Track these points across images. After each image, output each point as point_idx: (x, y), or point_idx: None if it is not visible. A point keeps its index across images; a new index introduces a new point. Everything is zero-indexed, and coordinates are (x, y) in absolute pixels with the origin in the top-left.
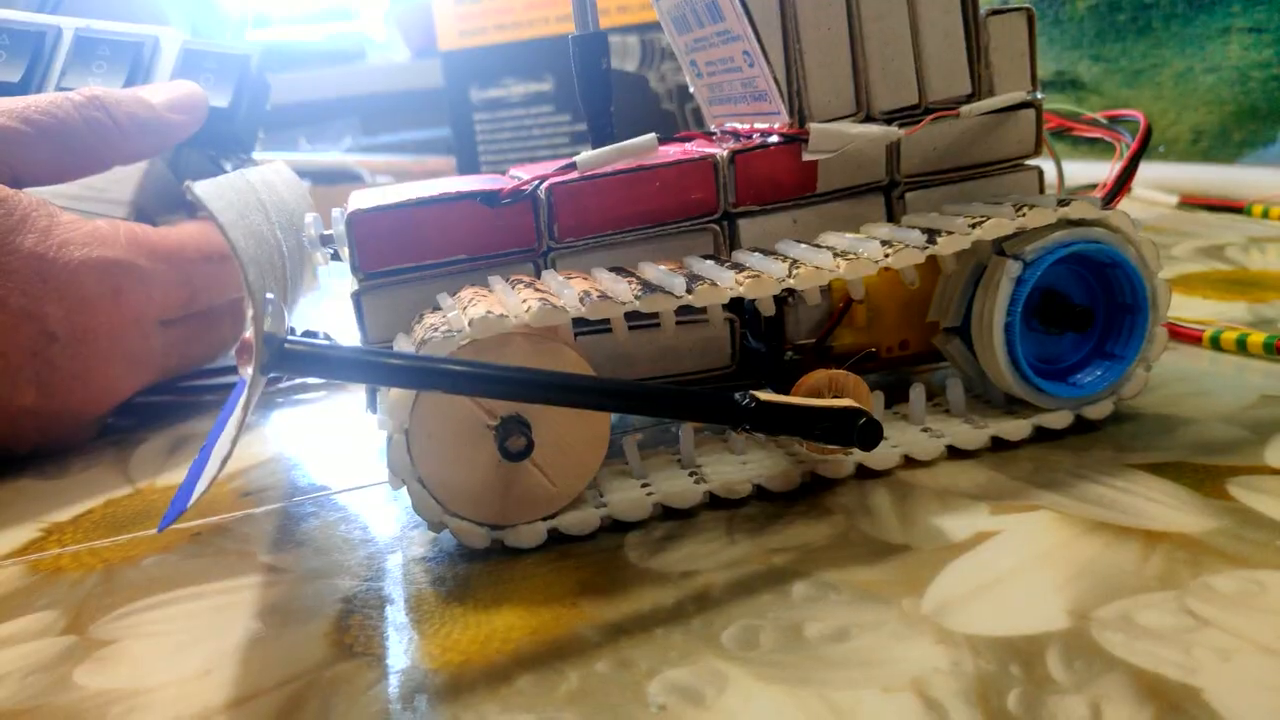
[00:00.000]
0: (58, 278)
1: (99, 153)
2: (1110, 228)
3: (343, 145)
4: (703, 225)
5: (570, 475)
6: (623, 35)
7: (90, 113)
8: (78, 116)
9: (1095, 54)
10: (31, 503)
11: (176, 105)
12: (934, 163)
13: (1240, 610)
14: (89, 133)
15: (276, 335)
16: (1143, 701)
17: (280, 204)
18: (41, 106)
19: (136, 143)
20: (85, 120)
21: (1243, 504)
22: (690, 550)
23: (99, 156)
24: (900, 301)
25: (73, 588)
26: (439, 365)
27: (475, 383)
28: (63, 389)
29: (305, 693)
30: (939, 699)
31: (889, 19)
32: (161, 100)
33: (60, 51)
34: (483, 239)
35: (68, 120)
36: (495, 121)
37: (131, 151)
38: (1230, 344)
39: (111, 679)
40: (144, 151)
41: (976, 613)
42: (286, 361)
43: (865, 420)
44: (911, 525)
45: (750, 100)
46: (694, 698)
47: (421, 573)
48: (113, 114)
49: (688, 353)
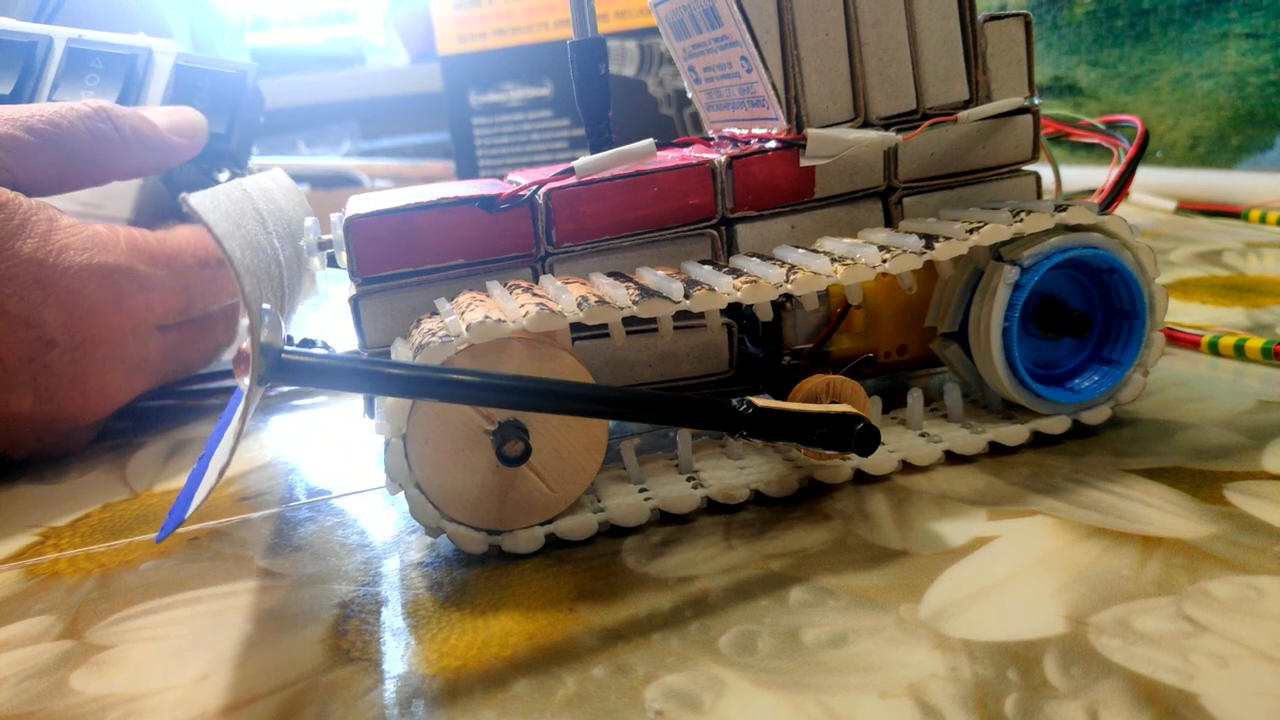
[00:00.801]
0: (57, 283)
1: (101, 165)
2: (1107, 233)
3: (341, 149)
4: (700, 230)
5: (568, 480)
6: (621, 40)
7: (96, 124)
8: (83, 127)
9: (1093, 59)
10: (29, 508)
11: (178, 129)
12: (931, 168)
13: (1237, 616)
14: (93, 144)
15: (273, 346)
16: (1140, 707)
17: (277, 212)
18: (46, 116)
19: (139, 159)
20: (90, 131)
21: (1240, 509)
22: (688, 555)
23: (101, 168)
24: (898, 307)
25: (69, 592)
26: (436, 375)
27: (472, 391)
28: (60, 395)
29: (302, 698)
30: (936, 705)
31: (887, 25)
32: (164, 123)
33: (52, 63)
34: (481, 244)
35: (72, 130)
36: (494, 126)
37: (133, 167)
38: (1228, 349)
39: (108, 684)
40: (144, 169)
41: (974, 618)
42: (283, 372)
43: (863, 425)
44: (909, 530)
45: (748, 106)
46: (691, 703)
47: (419, 578)
48: (118, 127)
49: (686, 358)
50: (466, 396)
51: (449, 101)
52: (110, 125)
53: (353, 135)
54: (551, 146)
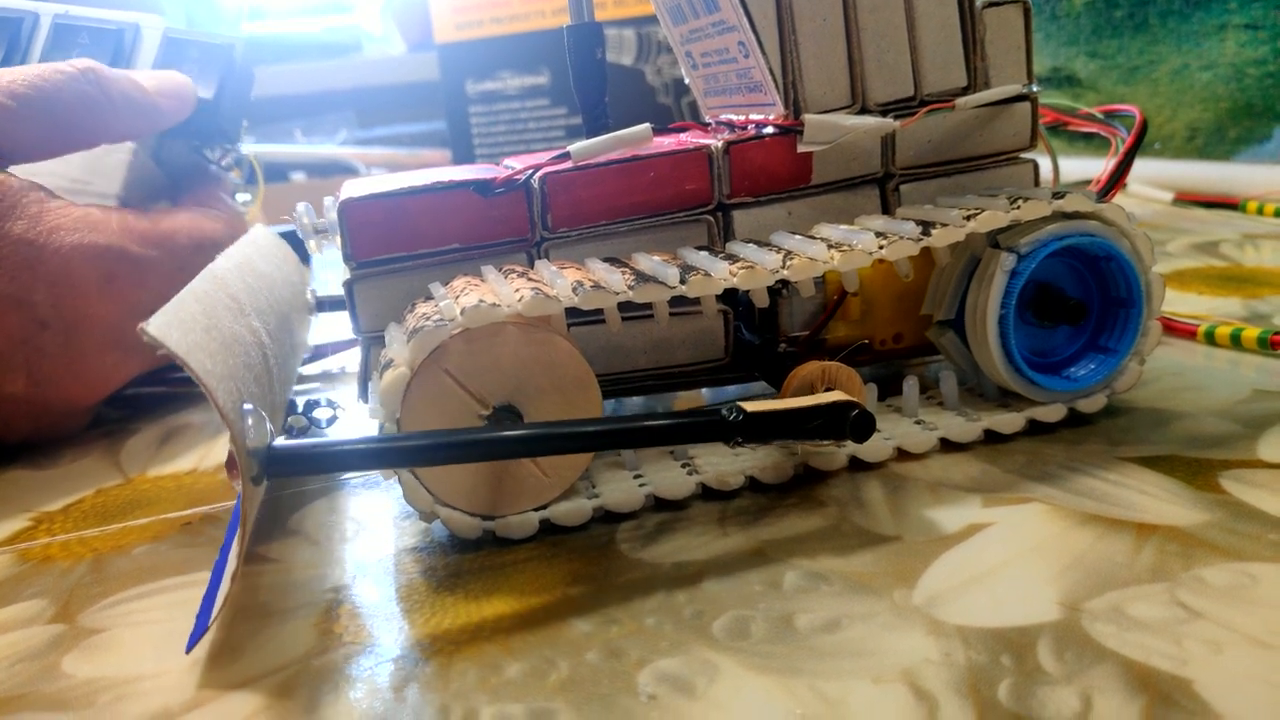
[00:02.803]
0: (48, 264)
1: (89, 127)
2: (1105, 221)
3: (338, 138)
4: (697, 216)
5: (562, 466)
6: (619, 29)
7: (83, 85)
8: (69, 89)
9: (1092, 50)
10: (21, 492)
11: (165, 91)
12: (929, 155)
13: (1231, 603)
14: (79, 105)
15: (260, 447)
16: (1134, 693)
17: (257, 281)
18: (29, 80)
19: (127, 122)
20: (77, 93)
21: (1235, 497)
22: (682, 541)
23: (89, 131)
24: (894, 294)
25: (62, 577)
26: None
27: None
28: (54, 377)
29: (295, 682)
30: (930, 689)
31: (885, 10)
32: (151, 86)
33: (38, 38)
34: (476, 228)
35: (57, 93)
36: (491, 114)
37: (121, 130)
38: (1225, 339)
39: (100, 667)
40: (133, 132)
41: (968, 604)
42: (276, 467)
43: (858, 412)
44: (904, 517)
45: (745, 91)
46: (684, 687)
47: (412, 563)
48: (106, 89)
49: (681, 345)
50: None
51: (446, 90)
52: (97, 87)
53: (349, 124)
54: (548, 135)
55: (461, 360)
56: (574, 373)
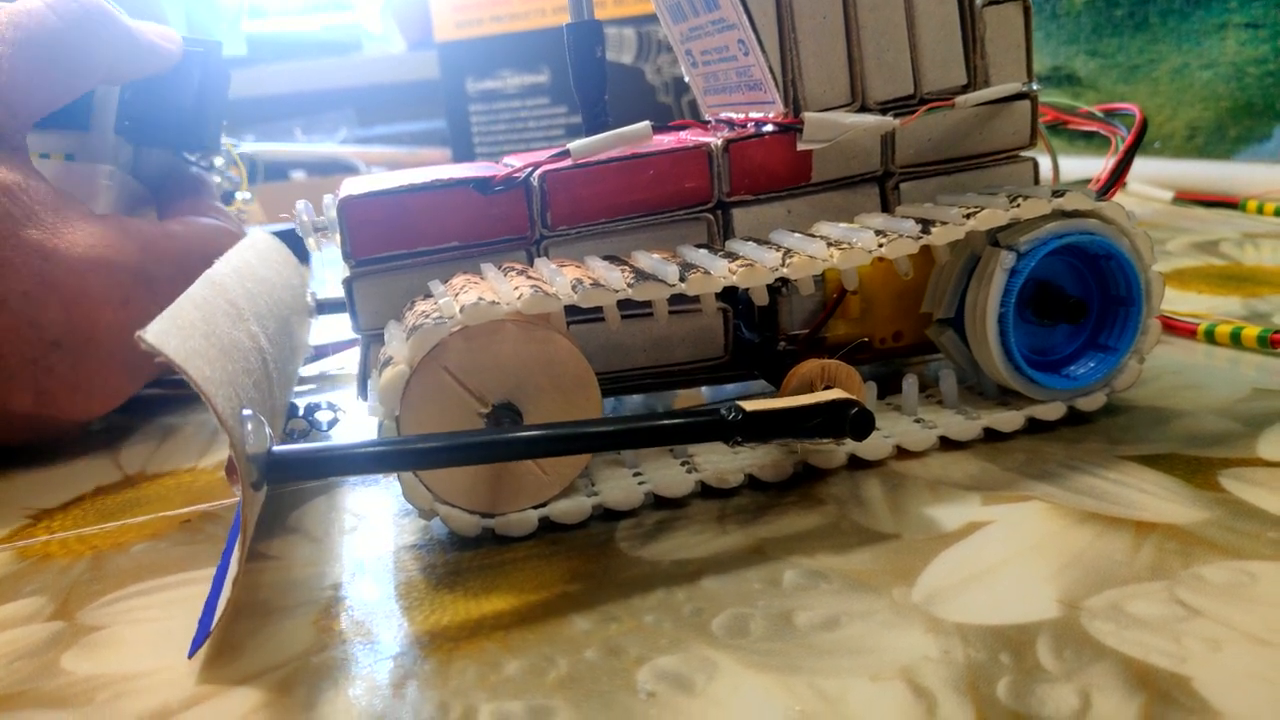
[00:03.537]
0: (63, 282)
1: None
2: (1105, 219)
3: (338, 137)
4: (697, 214)
5: (562, 464)
6: (619, 28)
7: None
8: (53, 17)
9: (1092, 49)
10: (21, 491)
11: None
12: (929, 153)
13: (1230, 600)
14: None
15: (260, 452)
16: (1132, 690)
17: (256, 286)
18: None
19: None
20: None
21: (1234, 496)
22: (681, 539)
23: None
24: (894, 292)
25: (61, 574)
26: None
27: (471, 452)
28: (61, 396)
29: (294, 679)
30: (929, 687)
31: (885, 8)
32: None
33: None
34: (476, 226)
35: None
36: (491, 113)
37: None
38: (1224, 338)
39: (99, 664)
40: (123, 72)
41: (967, 602)
42: (276, 472)
43: (857, 410)
44: (903, 515)
45: (745, 89)
46: (683, 685)
47: (412, 560)
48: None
49: (681, 343)
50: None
51: (446, 88)
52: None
53: (349, 122)
54: (549, 133)
55: (461, 358)
56: (573, 371)
